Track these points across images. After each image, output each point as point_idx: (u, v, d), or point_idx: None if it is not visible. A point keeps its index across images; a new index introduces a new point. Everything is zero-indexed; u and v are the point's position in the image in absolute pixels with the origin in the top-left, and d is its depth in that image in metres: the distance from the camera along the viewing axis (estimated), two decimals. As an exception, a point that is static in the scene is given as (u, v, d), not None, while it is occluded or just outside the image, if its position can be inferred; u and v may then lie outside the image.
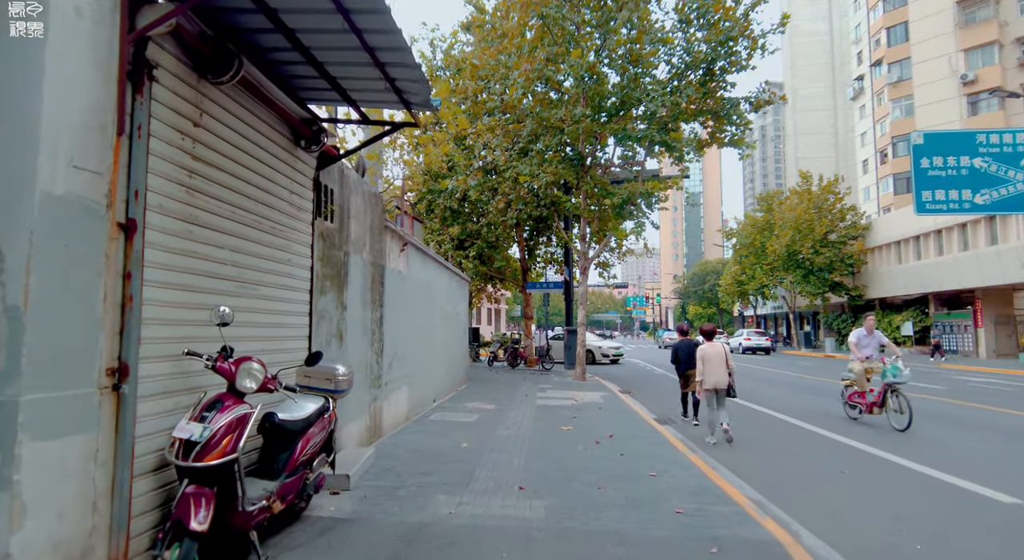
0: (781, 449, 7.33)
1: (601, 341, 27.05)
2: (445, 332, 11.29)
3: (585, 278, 15.92)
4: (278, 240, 4.24)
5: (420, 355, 8.98)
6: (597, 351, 24.49)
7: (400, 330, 7.74)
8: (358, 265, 6.05)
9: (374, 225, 6.58)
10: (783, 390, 14.50)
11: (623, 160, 16.13)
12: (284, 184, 4.32)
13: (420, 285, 9.12)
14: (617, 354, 25.17)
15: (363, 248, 6.21)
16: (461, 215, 19.20)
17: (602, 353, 24.68)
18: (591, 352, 23.69)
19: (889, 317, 37.11)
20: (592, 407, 10.20)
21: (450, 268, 11.95)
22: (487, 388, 13.28)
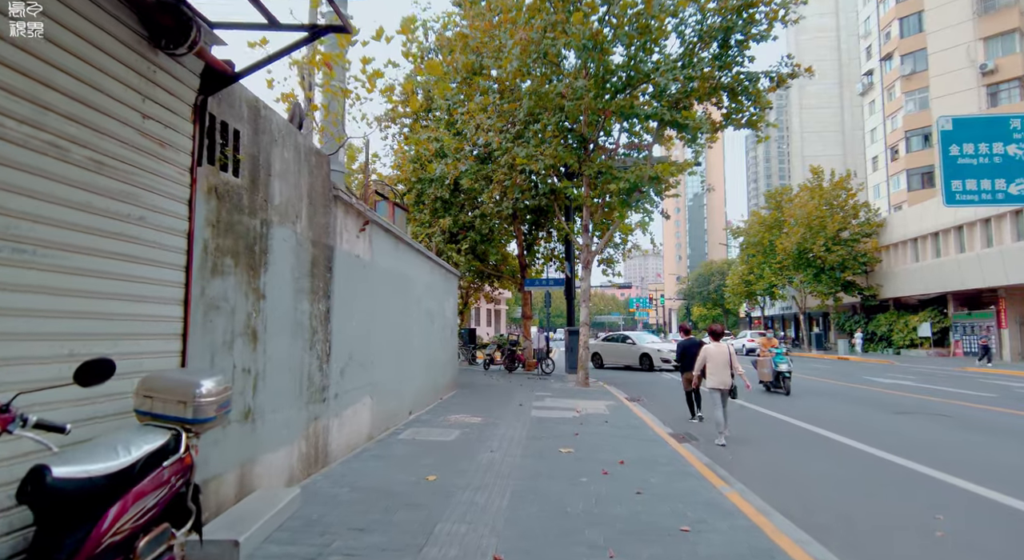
0: (845, 480, 5.80)
1: (660, 343, 22.62)
2: (427, 332, 9.79)
3: (588, 273, 14.41)
4: (115, 185, 2.74)
5: (391, 359, 7.47)
6: (656, 356, 20.55)
7: (360, 329, 6.23)
8: (287, 241, 4.55)
9: (315, 192, 5.07)
10: (823, 400, 12.95)
11: (629, 142, 14.62)
12: (128, 100, 2.81)
13: (392, 276, 7.62)
14: None
15: (296, 220, 4.70)
16: (453, 206, 17.70)
17: (662, 358, 20.33)
18: (647, 356, 20.60)
19: (905, 318, 35.50)
20: (597, 420, 8.67)
21: (434, 260, 10.45)
22: (477, 396, 11.77)
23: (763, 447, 7.43)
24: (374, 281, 6.80)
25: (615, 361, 22.10)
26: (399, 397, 7.85)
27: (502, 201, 15.96)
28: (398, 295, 7.95)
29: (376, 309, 6.85)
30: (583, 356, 14.14)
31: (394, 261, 7.72)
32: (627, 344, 22.00)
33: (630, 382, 16.68)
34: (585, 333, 14.23)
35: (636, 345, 21.61)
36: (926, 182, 42.64)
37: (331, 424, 5.40)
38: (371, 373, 6.61)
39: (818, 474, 5.98)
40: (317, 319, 5.08)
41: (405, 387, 8.20)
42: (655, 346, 21.33)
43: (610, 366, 22.09)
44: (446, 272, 11.64)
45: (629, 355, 21.56)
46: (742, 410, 10.61)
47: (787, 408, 10.87)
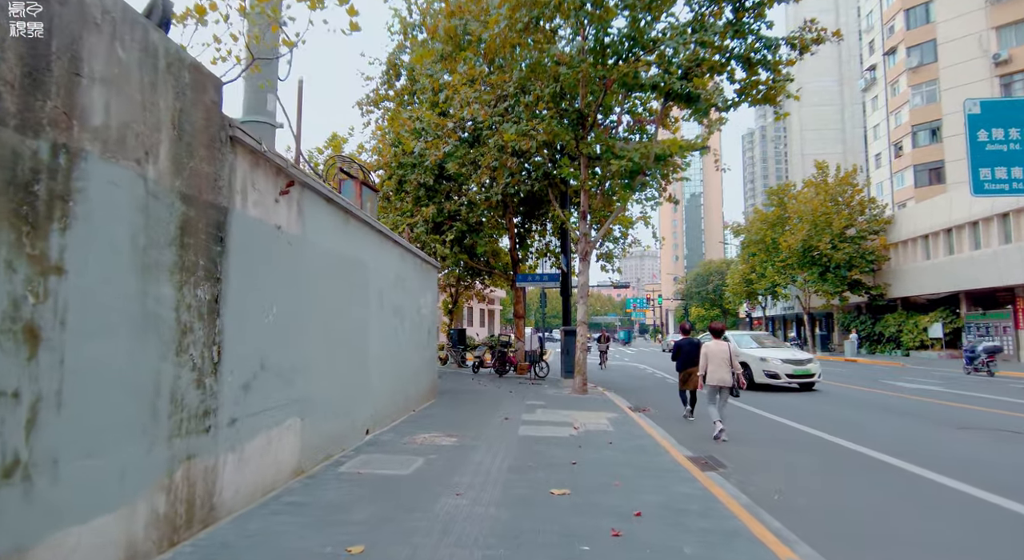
0: (957, 541, 4.20)
1: (772, 349, 14.86)
2: (394, 333, 8.15)
3: (586, 267, 12.79)
4: None
5: (335, 367, 5.83)
6: (764, 368, 13.91)
7: (281, 327, 4.60)
8: (123, 189, 2.91)
9: (190, 125, 3.43)
10: (857, 410, 11.36)
11: (631, 121, 13.01)
12: None
13: (339, 261, 5.99)
14: (805, 374, 13.80)
15: (146, 159, 3.06)
16: (438, 193, 16.06)
17: (767, 373, 13.86)
18: (745, 366, 13.54)
19: (914, 318, 34.03)
20: (598, 440, 7.05)
21: (406, 246, 8.81)
22: (458, 406, 10.13)
23: (813, 478, 5.83)
24: (307, 264, 5.15)
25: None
26: (348, 415, 6.21)
27: (491, 187, 14.34)
28: (350, 286, 6.32)
29: (311, 301, 5.21)
30: (581, 359, 12.52)
31: (343, 242, 6.08)
32: None
33: (633, 387, 15.07)
34: (583, 333, 12.62)
35: None
36: (934, 178, 41.23)
37: (222, 463, 3.76)
38: (300, 386, 4.96)
39: (913, 530, 4.37)
40: (193, 312, 3.44)
41: (359, 401, 6.55)
42: (759, 354, 14.25)
43: None
44: (422, 263, 10.00)
45: None
46: (764, 421, 9.03)
47: (819, 420, 9.27)
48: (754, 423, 9.32)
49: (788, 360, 14.19)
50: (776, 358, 14.24)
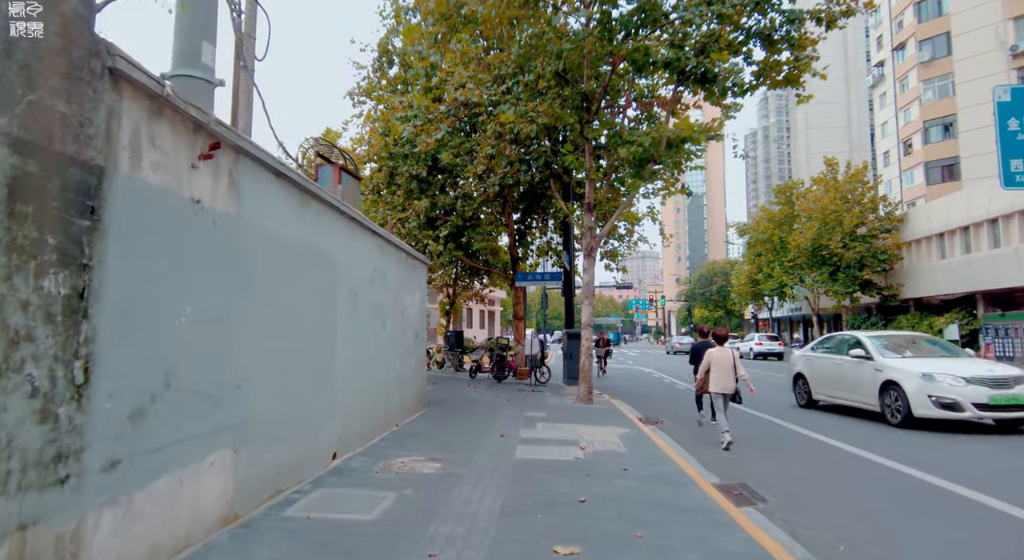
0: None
1: (941, 360, 9.51)
2: (372, 338, 7.07)
3: (592, 264, 11.68)
4: None
5: (287, 381, 4.74)
6: (932, 392, 8.44)
7: (204, 332, 3.51)
8: None
9: (18, 31, 2.35)
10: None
11: (640, 104, 11.91)
12: None
13: (295, 251, 4.90)
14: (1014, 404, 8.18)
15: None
16: (431, 186, 14.97)
17: (939, 401, 8.36)
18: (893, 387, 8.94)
19: (929, 319, 32.80)
20: (610, 465, 5.95)
21: (387, 238, 7.72)
22: (449, 420, 9.03)
23: (879, 518, 4.72)
24: (247, 253, 4.06)
25: (829, 394, 10.93)
26: (307, 438, 5.11)
27: (487, 177, 13.26)
28: (311, 281, 5.22)
29: (252, 299, 4.12)
30: (586, 365, 11.41)
31: (301, 228, 4.99)
32: (856, 359, 9.98)
33: (641, 394, 13.96)
34: (587, 336, 11.51)
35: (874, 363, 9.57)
36: (947, 175, 40.08)
37: (90, 525, 2.66)
38: (235, 408, 3.87)
39: None
40: (33, 312, 2.35)
41: (322, 421, 5.45)
42: (915, 364, 9.12)
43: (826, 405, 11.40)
44: (407, 257, 8.90)
45: (858, 385, 9.88)
46: (771, 425, 7.92)
47: (866, 439, 8.15)
48: (762, 427, 8.22)
49: (979, 378, 8.35)
50: (954, 374, 8.49)
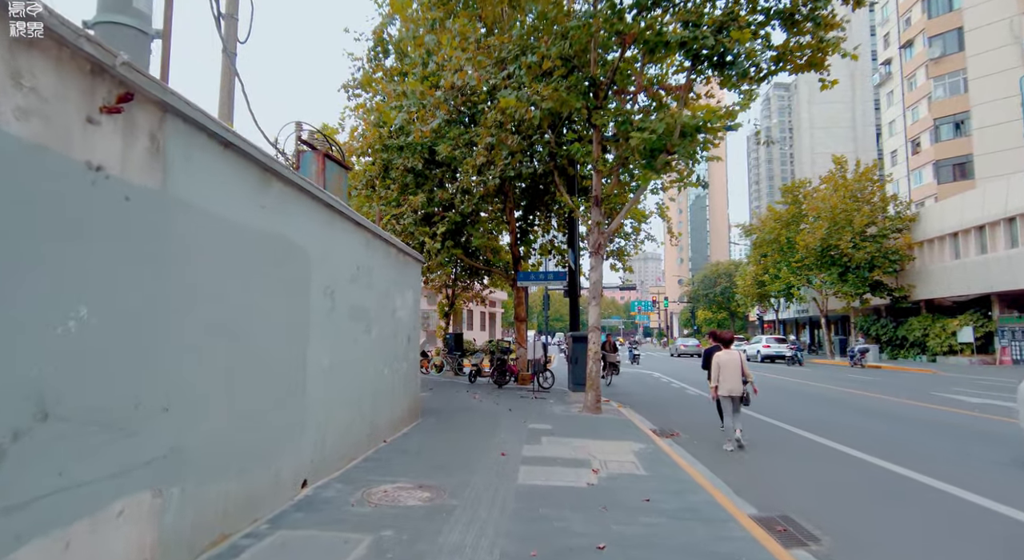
0: None
1: None
2: (354, 343, 6.20)
3: (599, 262, 10.82)
4: None
5: (239, 397, 3.87)
6: None
7: (109, 340, 2.66)
8: None
9: None
10: (936, 437, 9.35)
11: (651, 92, 11.03)
12: None
13: (251, 241, 4.04)
14: None
15: None
16: (428, 180, 14.12)
17: None
18: None
19: (941, 321, 31.88)
20: (630, 493, 5.08)
21: (372, 230, 6.85)
22: (443, 433, 8.15)
23: None
24: (179, 240, 3.21)
25: None
26: (266, 465, 4.24)
27: (487, 169, 12.40)
28: (274, 278, 4.36)
29: (186, 298, 3.26)
30: (594, 371, 10.53)
31: (260, 213, 4.14)
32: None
33: (651, 401, 13.07)
34: (595, 340, 10.65)
35: None
36: (958, 173, 39.16)
37: None
38: (158, 436, 3.01)
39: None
40: None
41: (286, 443, 4.59)
42: None
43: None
44: (397, 253, 8.03)
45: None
46: (807, 442, 7.04)
47: (888, 448, 7.26)
48: (790, 443, 7.34)
49: None
50: None
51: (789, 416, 10.74)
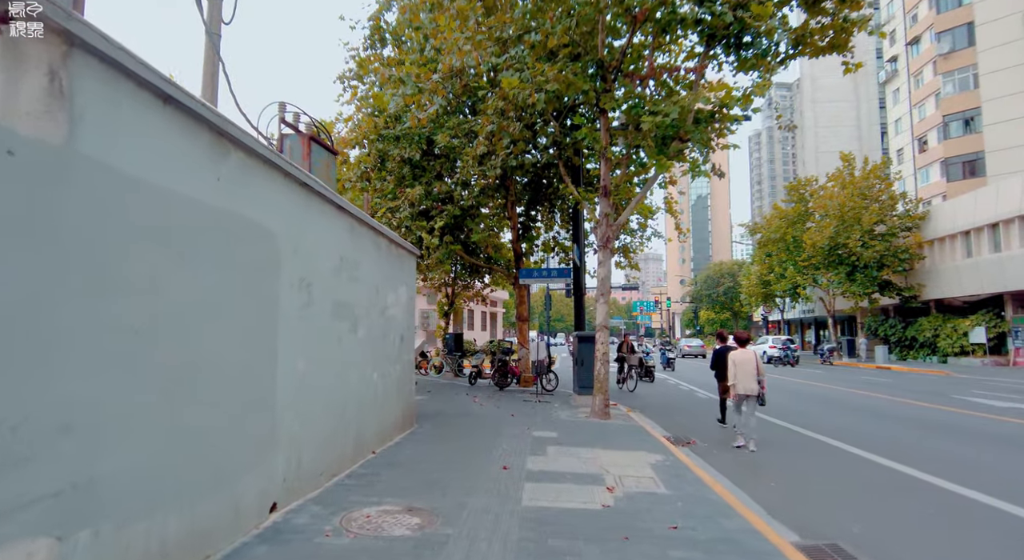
0: None
1: None
2: (336, 344, 5.50)
3: (608, 257, 10.11)
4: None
5: (183, 409, 3.18)
6: None
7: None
8: None
9: None
10: (976, 445, 8.63)
11: (664, 68, 10.32)
12: None
13: (199, 216, 3.35)
14: None
15: None
16: (426, 172, 13.42)
17: None
18: None
19: (953, 322, 31.10)
20: (653, 517, 4.38)
21: (357, 216, 6.15)
22: (440, 443, 7.44)
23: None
24: (87, 211, 2.51)
25: None
26: (223, 488, 3.54)
27: (488, 159, 11.69)
28: (230, 266, 3.67)
29: (101, 287, 2.56)
30: (602, 373, 9.82)
31: (212, 187, 3.45)
32: None
33: (660, 404, 12.34)
34: (603, 340, 9.94)
35: None
36: (968, 171, 38.40)
37: None
38: (55, 464, 2.32)
39: None
40: None
41: (248, 461, 3.88)
42: None
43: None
44: (389, 244, 7.33)
45: None
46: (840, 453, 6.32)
47: (932, 461, 6.56)
48: (822, 453, 6.63)
49: None
50: None
51: (809, 421, 10.04)
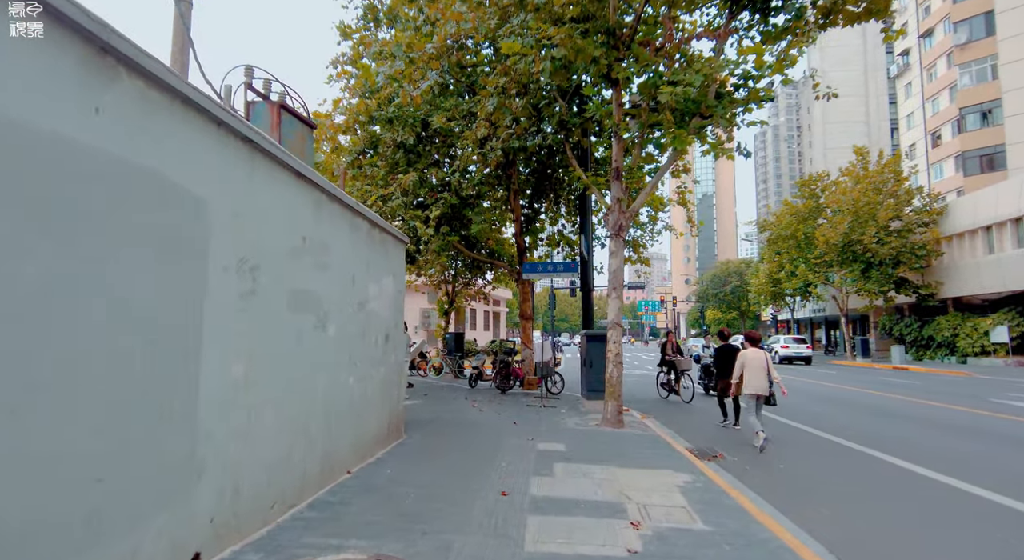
0: None
1: None
2: (296, 343, 4.47)
3: (620, 246, 9.06)
4: None
5: (23, 438, 2.15)
6: None
7: None
8: None
9: None
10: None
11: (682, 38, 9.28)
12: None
13: (72, 163, 2.32)
14: None
15: None
16: (422, 158, 12.38)
17: None
18: None
19: (972, 320, 29.88)
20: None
21: (329, 190, 5.12)
22: (427, 460, 6.40)
23: None
24: None
25: None
26: (99, 547, 2.52)
27: (489, 142, 10.67)
28: (127, 236, 2.65)
29: None
30: (615, 376, 8.75)
31: (97, 127, 2.43)
32: None
33: (671, 408, 11.24)
34: (616, 339, 8.89)
35: None
36: (986, 165, 37.15)
37: None
38: None
39: None
40: None
41: (149, 502, 2.87)
42: None
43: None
44: (372, 228, 6.30)
45: None
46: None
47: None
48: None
49: None
50: None
51: (845, 429, 8.97)
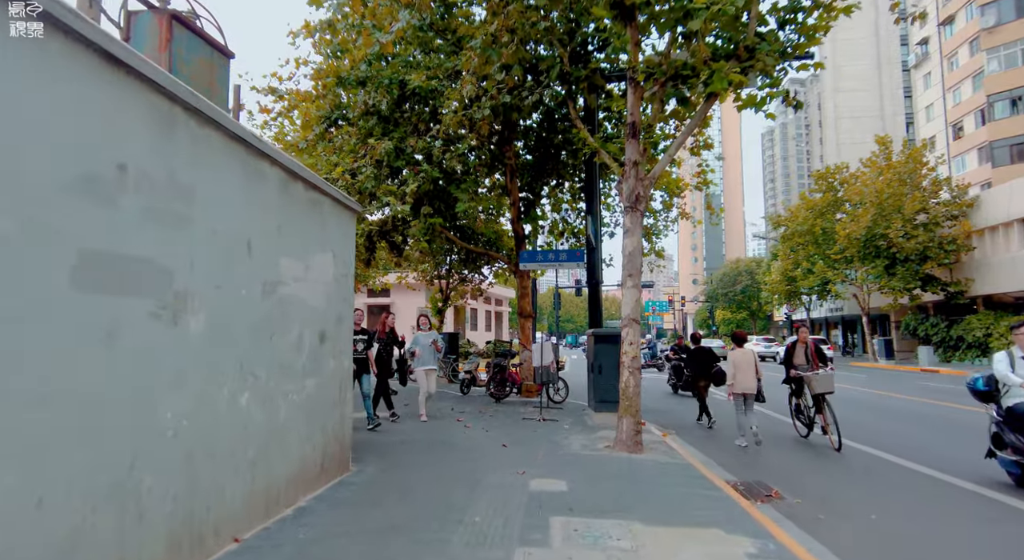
0: None
1: None
2: (109, 342, 2.62)
3: (638, 221, 7.17)
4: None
5: None
6: None
7: None
8: None
9: None
10: None
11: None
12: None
13: None
14: None
15: None
16: (401, 125, 10.53)
17: None
18: None
19: (1007, 319, 27.79)
20: None
21: (199, 109, 3.27)
22: (368, 512, 4.52)
23: None
24: None
25: None
26: None
27: (477, 102, 8.83)
28: None
29: None
30: (631, 386, 6.87)
31: None
32: None
33: (688, 420, 9.28)
34: (633, 338, 7.00)
35: None
36: (1016, 155, 35.03)
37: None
38: None
39: None
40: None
41: None
42: None
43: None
44: (288, 179, 4.42)
45: None
46: None
47: None
48: None
49: None
50: None
51: (923, 451, 7.07)
